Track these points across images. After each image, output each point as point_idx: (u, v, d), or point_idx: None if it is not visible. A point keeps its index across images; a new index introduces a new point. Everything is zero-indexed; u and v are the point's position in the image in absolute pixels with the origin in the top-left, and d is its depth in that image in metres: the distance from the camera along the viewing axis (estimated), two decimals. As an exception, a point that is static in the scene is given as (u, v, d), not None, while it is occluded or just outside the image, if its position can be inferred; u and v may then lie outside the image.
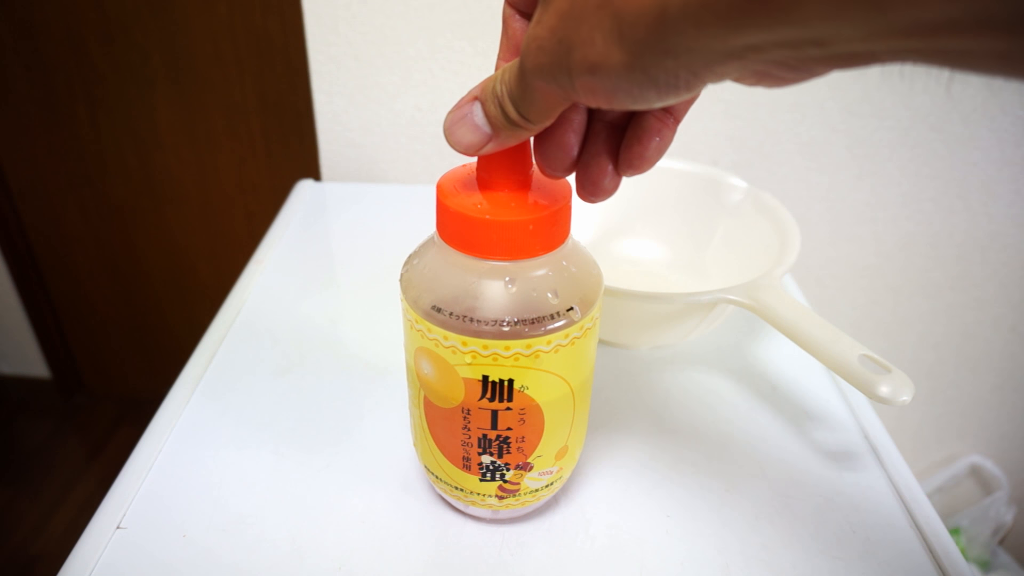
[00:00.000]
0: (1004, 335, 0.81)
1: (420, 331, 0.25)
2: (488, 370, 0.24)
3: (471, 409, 0.25)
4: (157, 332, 1.38)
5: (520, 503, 0.29)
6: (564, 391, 0.26)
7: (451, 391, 0.25)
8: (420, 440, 0.29)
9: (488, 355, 0.24)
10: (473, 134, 0.21)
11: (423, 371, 0.26)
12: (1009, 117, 0.66)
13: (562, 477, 0.30)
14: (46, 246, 1.30)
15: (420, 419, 0.28)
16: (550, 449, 0.27)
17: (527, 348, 0.24)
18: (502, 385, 0.25)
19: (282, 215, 0.59)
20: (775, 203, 0.44)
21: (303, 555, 0.29)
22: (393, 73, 0.65)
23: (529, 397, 0.25)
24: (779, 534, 0.31)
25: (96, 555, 0.29)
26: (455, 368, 0.25)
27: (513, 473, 0.27)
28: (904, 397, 0.29)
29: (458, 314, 0.24)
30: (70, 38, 1.06)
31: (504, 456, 0.27)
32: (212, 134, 1.13)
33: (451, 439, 0.27)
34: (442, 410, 0.26)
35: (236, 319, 0.45)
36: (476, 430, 0.26)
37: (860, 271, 0.76)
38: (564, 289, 0.25)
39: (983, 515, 0.89)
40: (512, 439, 0.26)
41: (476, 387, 0.25)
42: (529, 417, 0.26)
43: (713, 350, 0.44)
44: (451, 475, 0.28)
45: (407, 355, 0.27)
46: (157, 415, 0.37)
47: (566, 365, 0.25)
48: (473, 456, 0.27)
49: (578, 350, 0.25)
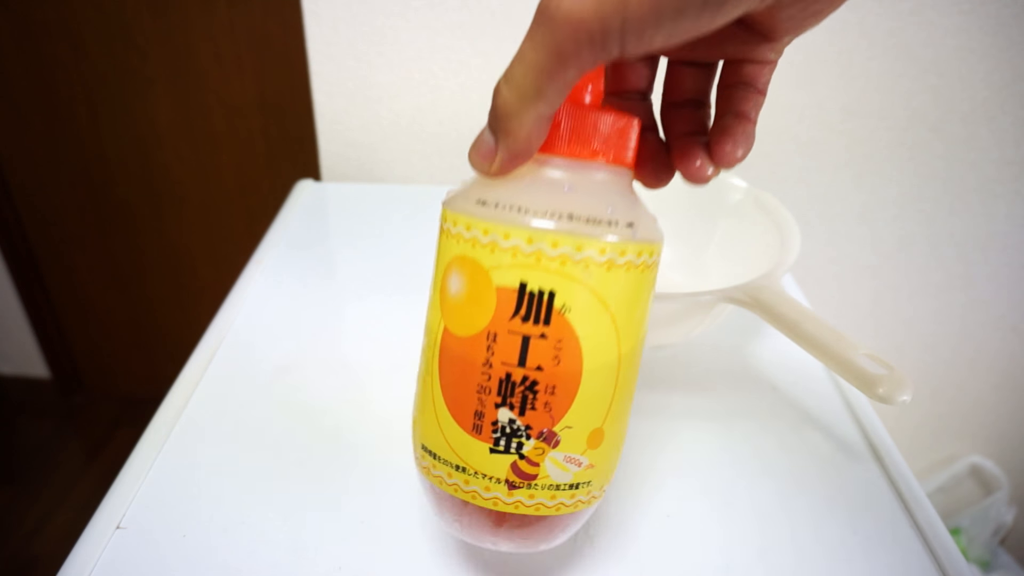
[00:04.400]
0: (1004, 335, 0.81)
1: (457, 234, 0.22)
2: (527, 275, 0.21)
3: (498, 335, 0.21)
4: (157, 332, 1.38)
5: (534, 504, 0.23)
6: (609, 332, 0.22)
7: (480, 307, 0.22)
8: (424, 404, 0.24)
9: (531, 252, 0.21)
10: (481, 146, 0.22)
11: (450, 291, 0.23)
12: (1009, 117, 0.66)
13: (591, 485, 0.24)
14: (46, 246, 1.30)
15: (430, 370, 0.24)
16: (583, 421, 0.23)
17: (576, 250, 0.21)
18: (540, 299, 0.21)
19: (282, 215, 0.59)
20: (775, 203, 0.44)
21: (303, 555, 0.29)
22: (393, 73, 0.65)
23: (569, 325, 0.21)
24: (779, 534, 0.31)
25: (96, 555, 0.29)
26: (489, 274, 0.21)
27: (534, 445, 0.22)
28: (904, 397, 0.29)
29: (505, 204, 0.21)
30: (70, 38, 1.06)
31: (527, 413, 0.22)
32: (212, 134, 1.13)
33: (466, 384, 0.22)
34: (462, 343, 0.22)
35: (236, 319, 0.45)
36: (500, 367, 0.22)
37: (860, 271, 0.76)
38: (624, 209, 0.22)
39: (983, 515, 0.89)
40: (540, 386, 0.22)
41: (510, 300, 0.21)
42: (565, 356, 0.22)
43: (713, 350, 0.44)
44: (455, 445, 0.23)
45: (431, 292, 0.24)
46: (157, 415, 0.37)
47: (616, 296, 0.22)
48: (488, 409, 0.22)
49: (631, 285, 0.22)
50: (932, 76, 0.64)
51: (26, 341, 1.39)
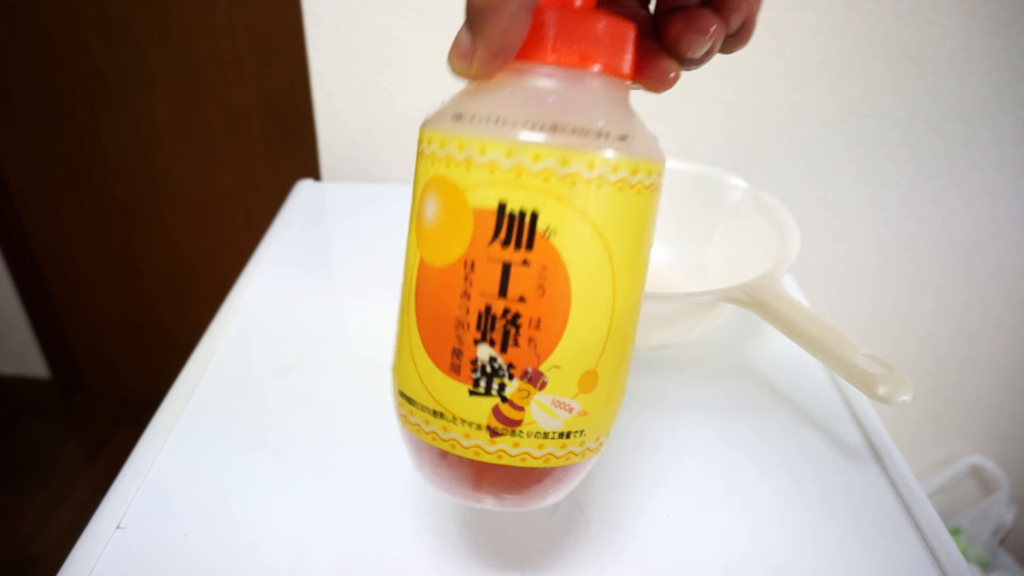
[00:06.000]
0: (1005, 335, 0.81)
1: (431, 154, 0.20)
2: (507, 194, 0.19)
3: (476, 263, 0.19)
4: (157, 332, 1.38)
5: (519, 453, 0.21)
6: (601, 260, 0.20)
7: (456, 233, 0.20)
8: (401, 346, 0.22)
9: (510, 168, 0.19)
10: (459, 46, 0.20)
11: (426, 217, 0.21)
12: (1009, 117, 0.66)
13: (584, 435, 0.21)
14: (46, 246, 1.30)
15: (407, 308, 0.22)
16: (573, 361, 0.20)
17: (561, 165, 0.18)
18: (522, 221, 0.19)
19: (282, 215, 0.59)
20: (775, 203, 0.44)
21: (303, 555, 0.29)
22: (393, 73, 0.65)
23: (554, 250, 0.19)
24: (779, 534, 0.31)
25: (96, 555, 0.29)
26: (465, 195, 0.19)
27: (518, 386, 0.20)
28: (904, 397, 0.29)
29: (482, 117, 0.19)
30: (70, 38, 1.06)
31: (509, 349, 0.20)
32: (212, 134, 1.13)
33: (443, 320, 0.20)
34: (439, 275, 0.20)
35: (236, 319, 0.45)
36: (479, 297, 0.19)
37: (860, 271, 0.76)
38: (617, 122, 0.20)
39: (983, 515, 0.89)
40: (524, 320, 0.19)
41: (488, 223, 0.19)
42: (551, 286, 0.19)
43: (713, 350, 0.44)
44: (433, 388, 0.21)
45: (409, 226, 0.22)
46: (157, 415, 0.37)
47: (608, 219, 0.19)
48: (467, 347, 0.20)
49: (626, 206, 0.20)
50: (932, 76, 0.64)
51: (26, 341, 1.39)
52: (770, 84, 0.65)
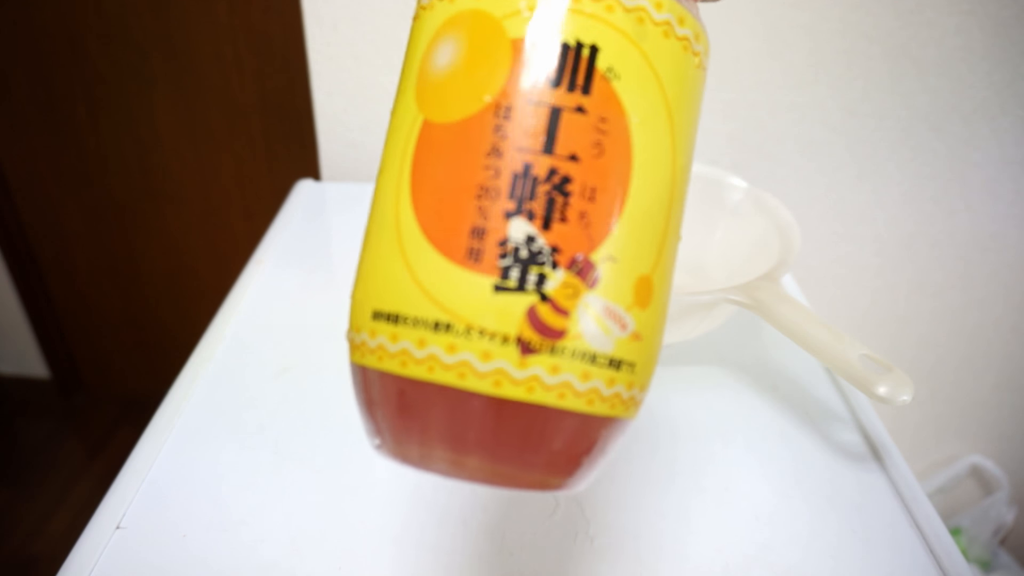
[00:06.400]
0: (1005, 335, 0.81)
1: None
2: (560, 19, 0.14)
3: (513, 108, 0.14)
4: (157, 332, 1.38)
5: (558, 384, 0.14)
6: (664, 126, 0.15)
7: (486, 72, 0.15)
8: (379, 244, 0.16)
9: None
10: None
11: (436, 65, 0.15)
12: (1010, 117, 0.66)
13: (633, 372, 0.16)
14: (46, 246, 1.30)
15: (393, 189, 0.16)
16: (631, 254, 0.15)
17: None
18: (579, 54, 0.14)
19: (282, 215, 0.59)
20: (775, 203, 0.44)
21: (303, 555, 0.29)
22: (393, 73, 0.65)
23: (616, 98, 0.15)
24: (779, 534, 0.31)
25: (96, 555, 0.29)
26: (502, 23, 0.15)
27: (563, 280, 0.14)
28: (904, 397, 0.29)
29: None
30: (70, 38, 1.06)
31: (554, 225, 0.14)
32: (212, 134, 1.13)
33: (458, 188, 0.15)
34: (454, 131, 0.15)
35: (236, 319, 0.45)
36: (514, 156, 0.14)
37: (860, 271, 0.76)
38: None
39: (984, 515, 0.89)
40: (575, 187, 0.14)
41: (534, 56, 0.14)
42: (611, 144, 0.15)
43: (713, 350, 0.44)
44: (436, 288, 0.14)
45: (397, 98, 0.17)
46: (157, 415, 0.36)
47: (673, 78, 0.15)
48: (494, 223, 0.14)
49: (689, 74, 0.16)
50: (933, 76, 0.64)
51: (26, 341, 1.39)
52: (770, 84, 0.65)
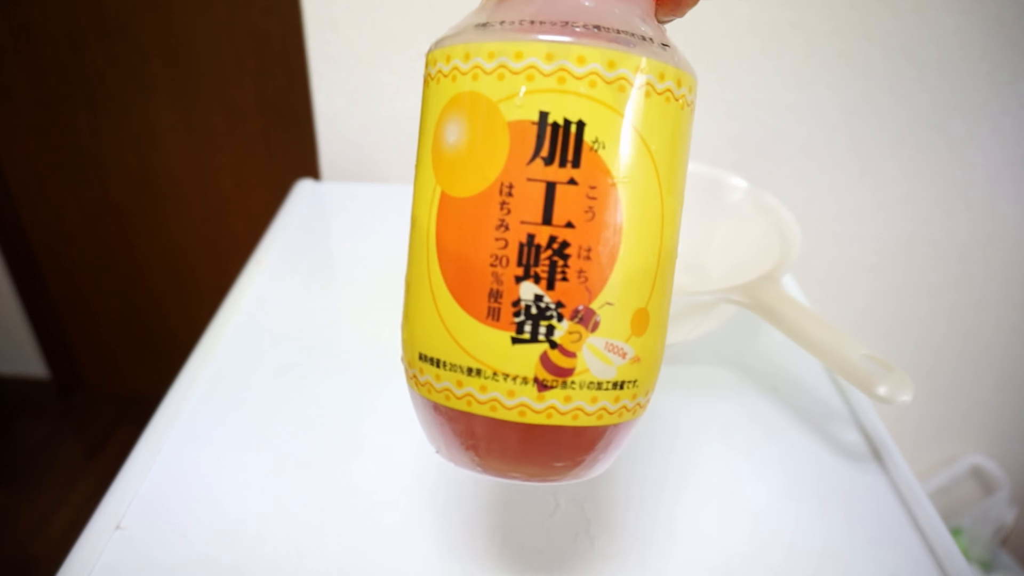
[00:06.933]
0: (1005, 335, 0.81)
1: (452, 70, 0.18)
2: (549, 102, 0.17)
3: (514, 185, 0.17)
4: (156, 332, 1.38)
5: (571, 410, 0.18)
6: (651, 178, 0.18)
7: (488, 153, 0.17)
8: (418, 299, 0.19)
9: (552, 72, 0.17)
10: None
11: (447, 141, 0.18)
12: (1010, 117, 0.66)
13: (636, 387, 0.19)
14: (45, 246, 1.30)
15: (424, 252, 0.19)
16: (626, 297, 0.18)
17: (609, 68, 0.17)
18: (567, 132, 0.17)
19: (282, 215, 0.59)
20: (775, 203, 0.44)
21: (303, 556, 0.29)
22: (393, 73, 0.65)
23: (604, 166, 0.17)
24: (779, 534, 0.31)
25: (95, 555, 0.29)
26: (499, 107, 0.17)
27: (568, 329, 0.18)
28: (905, 397, 0.29)
29: (513, 20, 0.17)
30: (69, 38, 1.06)
31: (557, 285, 0.17)
32: (212, 134, 1.13)
33: (475, 258, 0.18)
34: (467, 205, 0.18)
35: (235, 319, 0.45)
36: (519, 228, 0.17)
37: (861, 271, 0.76)
38: (655, 30, 0.18)
39: (984, 515, 0.89)
40: (572, 250, 0.17)
41: (528, 137, 0.17)
42: (601, 207, 0.17)
43: (713, 350, 0.44)
44: (466, 341, 0.18)
45: (419, 161, 0.20)
46: (156, 415, 0.36)
47: (656, 132, 0.18)
48: (507, 287, 0.17)
49: (672, 120, 0.18)
50: (933, 76, 0.64)
51: (25, 341, 1.39)
52: (770, 84, 0.65)
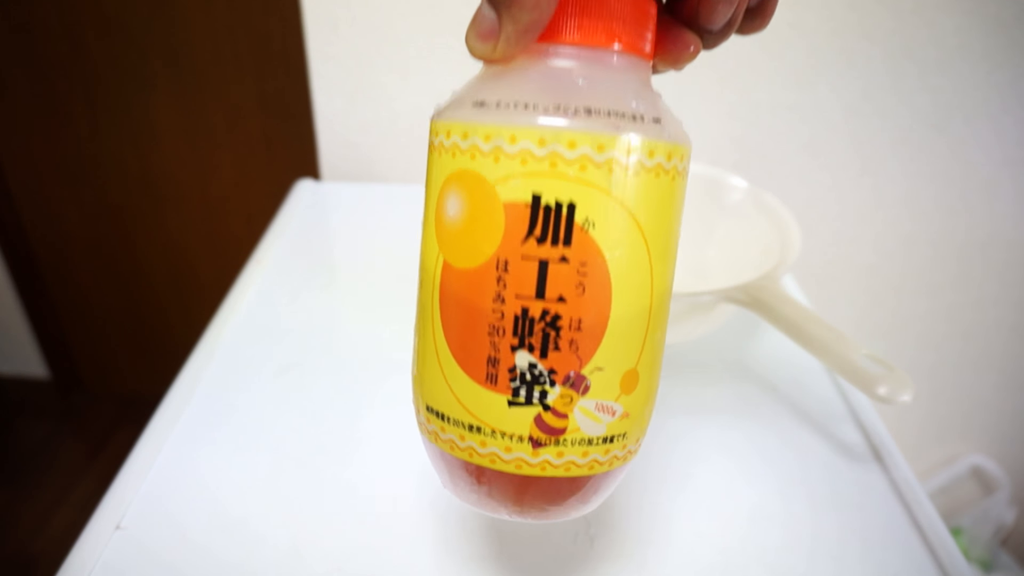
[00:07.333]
0: (1005, 335, 0.81)
1: (452, 146, 0.19)
2: (541, 185, 0.18)
3: (509, 262, 0.18)
4: (156, 332, 1.38)
5: (563, 463, 0.20)
6: (640, 252, 0.19)
7: (485, 230, 0.18)
8: (426, 357, 0.21)
9: (544, 156, 0.18)
10: (481, 23, 0.18)
11: (448, 216, 0.19)
12: (1010, 117, 0.66)
13: (626, 438, 0.20)
14: (45, 246, 1.30)
15: (430, 316, 0.20)
16: (615, 362, 0.19)
17: (599, 151, 0.18)
18: (559, 213, 0.18)
19: (281, 215, 0.59)
20: (775, 203, 0.44)
21: (302, 556, 0.29)
22: (393, 73, 0.65)
23: (594, 244, 0.18)
24: (779, 534, 0.31)
25: (95, 555, 0.29)
26: (495, 188, 0.18)
27: (560, 393, 0.19)
28: (905, 397, 0.29)
29: (509, 102, 0.18)
30: (69, 38, 1.06)
31: (550, 354, 0.19)
32: (212, 134, 1.13)
33: (474, 327, 0.19)
34: (466, 277, 0.19)
35: (236, 319, 0.45)
36: (514, 302, 0.18)
37: (861, 271, 0.76)
38: (648, 104, 0.19)
39: (984, 515, 0.89)
40: (564, 321, 0.18)
41: (521, 218, 0.18)
42: (592, 283, 0.18)
43: (713, 350, 0.44)
44: (467, 401, 0.20)
45: (424, 225, 0.21)
46: (156, 415, 0.36)
47: (646, 207, 0.18)
48: (504, 354, 0.19)
49: (662, 193, 0.19)
50: (934, 76, 0.64)
51: (25, 341, 1.39)
52: (770, 84, 0.65)
